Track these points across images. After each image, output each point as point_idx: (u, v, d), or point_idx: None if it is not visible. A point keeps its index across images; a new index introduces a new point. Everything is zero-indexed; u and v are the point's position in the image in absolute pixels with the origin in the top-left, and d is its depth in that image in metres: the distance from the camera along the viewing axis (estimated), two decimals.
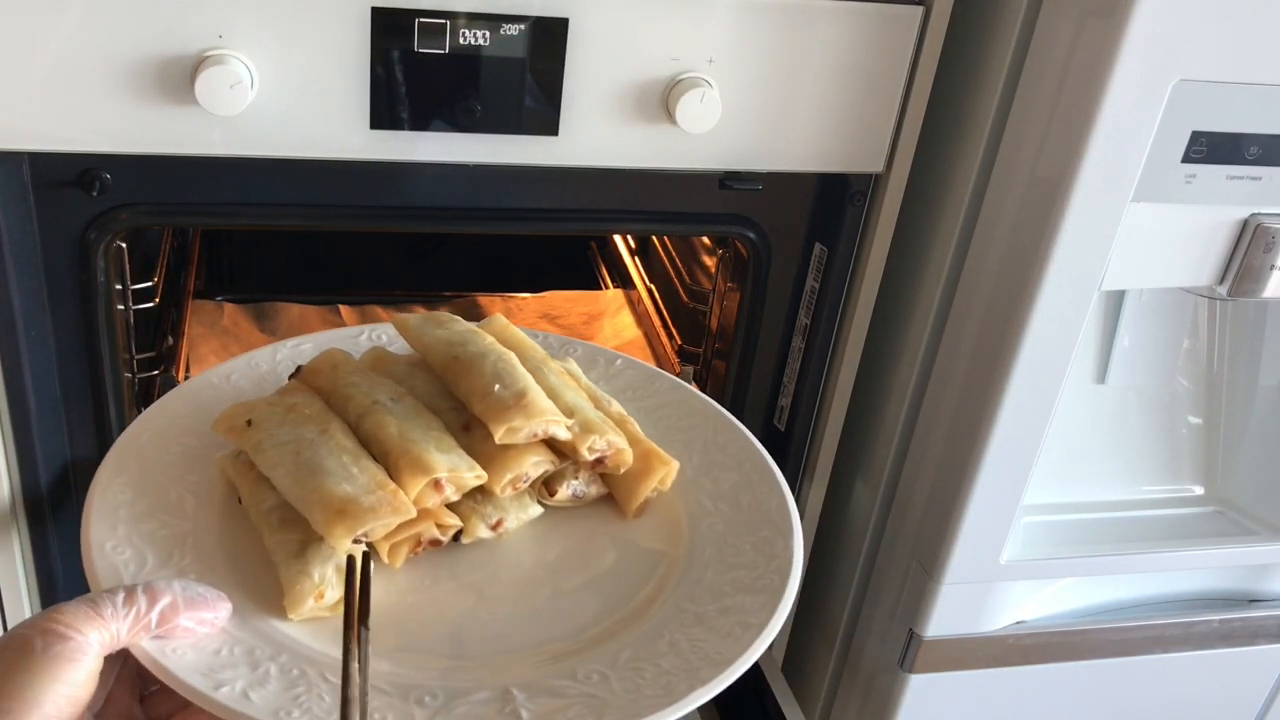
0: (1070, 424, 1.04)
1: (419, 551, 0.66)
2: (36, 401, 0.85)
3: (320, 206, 0.86)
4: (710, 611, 0.63)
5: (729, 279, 1.07)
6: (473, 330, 0.74)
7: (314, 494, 0.62)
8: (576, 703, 0.56)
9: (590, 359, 0.83)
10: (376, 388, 0.70)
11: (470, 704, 0.56)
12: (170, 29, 0.74)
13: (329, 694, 0.55)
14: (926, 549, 1.01)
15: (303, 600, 0.60)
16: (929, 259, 0.96)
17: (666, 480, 0.72)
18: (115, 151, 0.77)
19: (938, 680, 1.08)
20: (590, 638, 0.62)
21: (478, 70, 0.80)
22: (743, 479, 0.73)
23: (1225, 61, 0.78)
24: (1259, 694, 1.22)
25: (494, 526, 0.68)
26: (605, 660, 0.60)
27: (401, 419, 0.67)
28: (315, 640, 0.60)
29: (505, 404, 0.66)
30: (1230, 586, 1.15)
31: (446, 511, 0.66)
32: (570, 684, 0.58)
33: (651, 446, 0.72)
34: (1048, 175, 0.82)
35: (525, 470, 0.68)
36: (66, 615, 0.50)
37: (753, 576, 0.65)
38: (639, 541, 0.70)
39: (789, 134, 0.88)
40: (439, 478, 0.64)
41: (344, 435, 0.66)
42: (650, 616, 0.64)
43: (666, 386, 0.81)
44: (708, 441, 0.76)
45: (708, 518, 0.71)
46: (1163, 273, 0.88)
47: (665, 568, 0.68)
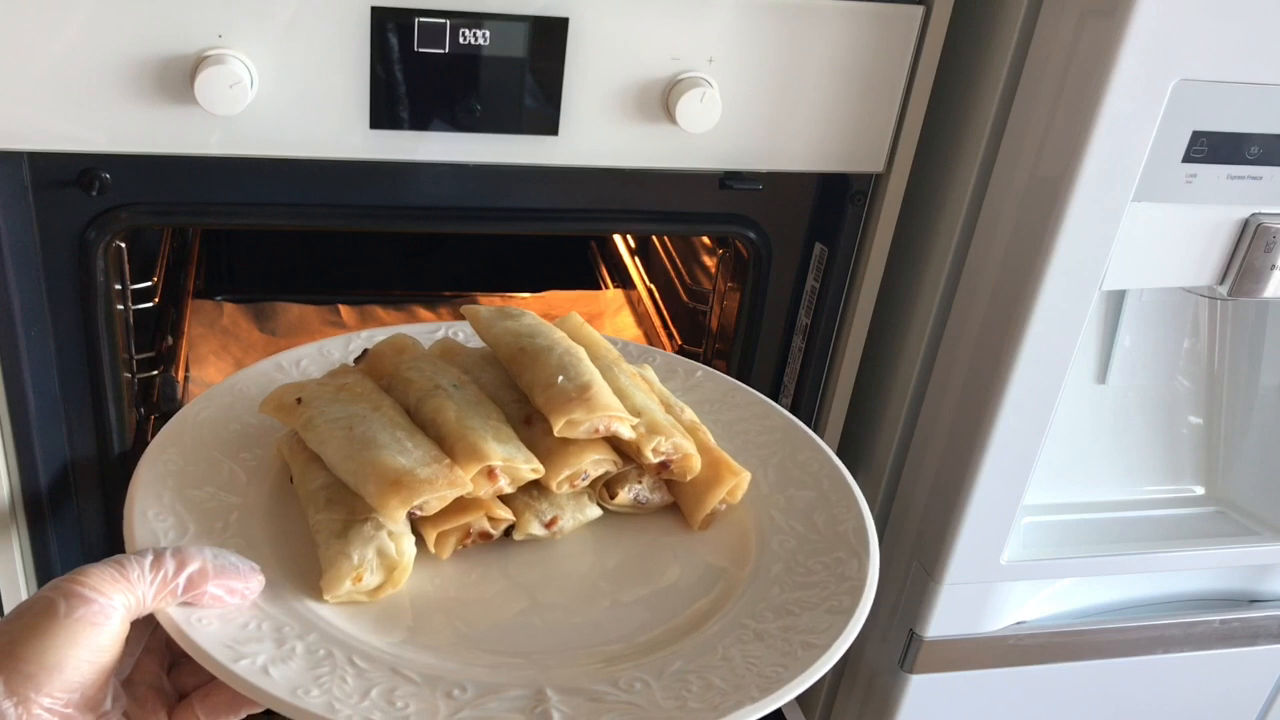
0: (1071, 424, 1.04)
1: (468, 544, 0.64)
2: (36, 401, 0.85)
3: (320, 206, 0.86)
4: (772, 629, 0.60)
5: (729, 279, 1.07)
6: (544, 324, 0.72)
7: (368, 466, 0.60)
8: (613, 710, 0.54)
9: (669, 368, 0.81)
10: (440, 373, 0.68)
11: (501, 700, 0.54)
12: (170, 28, 0.74)
13: (353, 677, 0.54)
14: (927, 549, 1.01)
15: (340, 581, 0.59)
16: (929, 259, 0.96)
17: (736, 492, 0.69)
18: (115, 151, 0.77)
19: (938, 680, 1.08)
20: (640, 645, 0.60)
21: (477, 70, 0.80)
22: (819, 497, 0.70)
23: (1226, 61, 0.77)
24: (1259, 694, 1.22)
25: (549, 524, 0.65)
26: (652, 669, 0.57)
27: (461, 405, 0.65)
28: (349, 624, 0.58)
29: (568, 396, 0.64)
30: (1231, 587, 1.15)
31: (499, 504, 0.64)
32: (611, 690, 0.56)
33: (722, 455, 0.69)
34: (1048, 175, 0.82)
35: (584, 468, 0.65)
36: (92, 578, 0.49)
37: (822, 596, 0.62)
38: (703, 555, 0.67)
39: (789, 134, 0.88)
40: (493, 466, 0.62)
41: (397, 413, 0.65)
42: (706, 629, 0.61)
43: (747, 400, 0.79)
44: (785, 458, 0.74)
45: (778, 534, 0.68)
46: (1163, 273, 0.88)
47: (727, 583, 0.65)
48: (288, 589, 0.59)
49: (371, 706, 0.52)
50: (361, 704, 0.52)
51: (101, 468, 0.91)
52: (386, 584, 0.61)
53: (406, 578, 0.61)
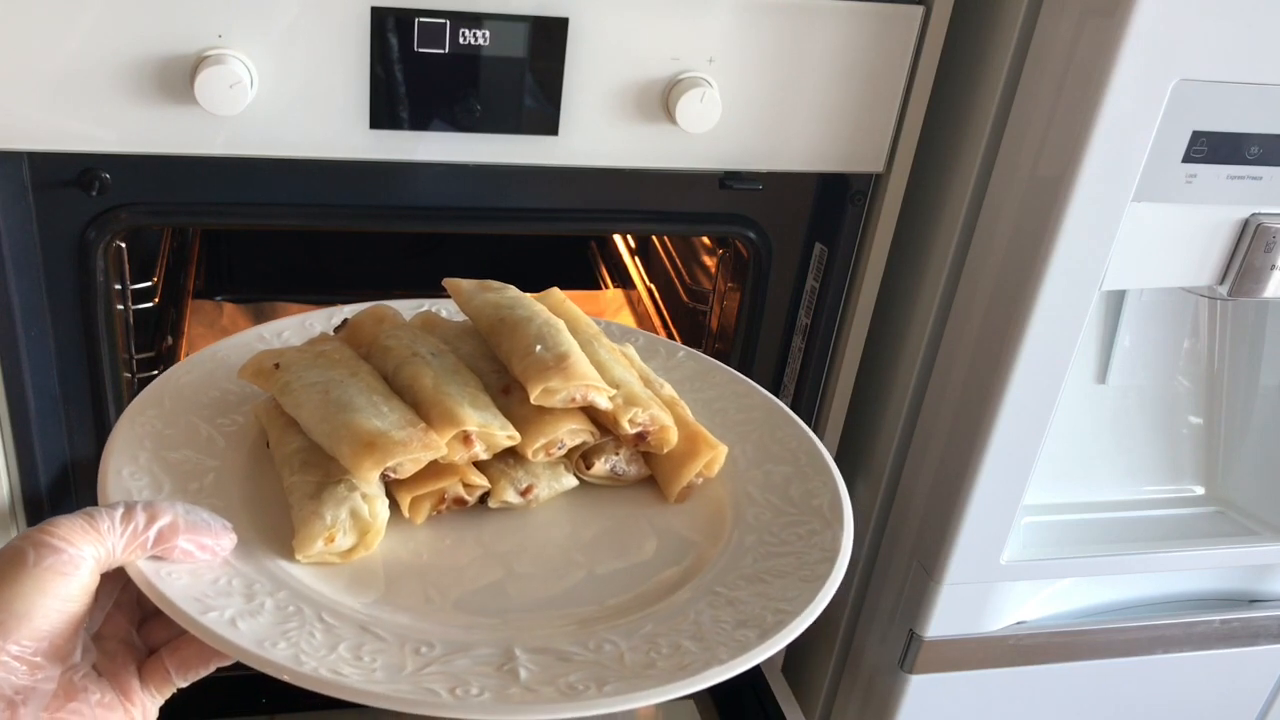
0: (1071, 424, 1.04)
1: (442, 510, 0.64)
2: (36, 401, 0.85)
3: (320, 206, 0.86)
4: (744, 596, 0.61)
5: (729, 279, 1.07)
6: (525, 297, 0.73)
7: (342, 429, 0.61)
8: (580, 669, 0.54)
9: (651, 348, 0.81)
10: (418, 342, 0.69)
11: (469, 658, 0.55)
12: (170, 28, 0.74)
13: (321, 633, 0.54)
14: (927, 549, 1.01)
15: (312, 541, 0.59)
16: (929, 259, 0.96)
17: (713, 465, 0.70)
18: (115, 151, 0.77)
19: (938, 681, 1.08)
20: (611, 609, 0.60)
21: (477, 70, 0.80)
22: (796, 472, 0.71)
23: (1226, 61, 0.77)
24: (1259, 694, 1.22)
25: (524, 492, 0.66)
26: (622, 632, 0.58)
27: (439, 372, 0.66)
28: (321, 583, 0.59)
29: (544, 364, 0.65)
30: (1231, 587, 1.15)
31: (475, 470, 0.64)
32: (580, 650, 0.56)
33: (699, 429, 0.70)
34: (1048, 175, 0.82)
35: (560, 436, 0.66)
36: (61, 528, 0.49)
37: (795, 565, 0.63)
38: (678, 528, 0.68)
39: (789, 134, 0.88)
40: (469, 431, 0.62)
41: (374, 379, 0.65)
42: (678, 595, 0.62)
43: (727, 379, 0.79)
44: (764, 434, 0.74)
45: (754, 507, 0.69)
46: (1163, 273, 0.88)
47: (701, 553, 0.66)
48: (260, 549, 0.59)
49: (338, 659, 0.52)
50: (328, 657, 0.53)
51: None
52: (359, 546, 0.61)
53: (379, 541, 0.61)
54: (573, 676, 0.54)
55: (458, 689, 0.52)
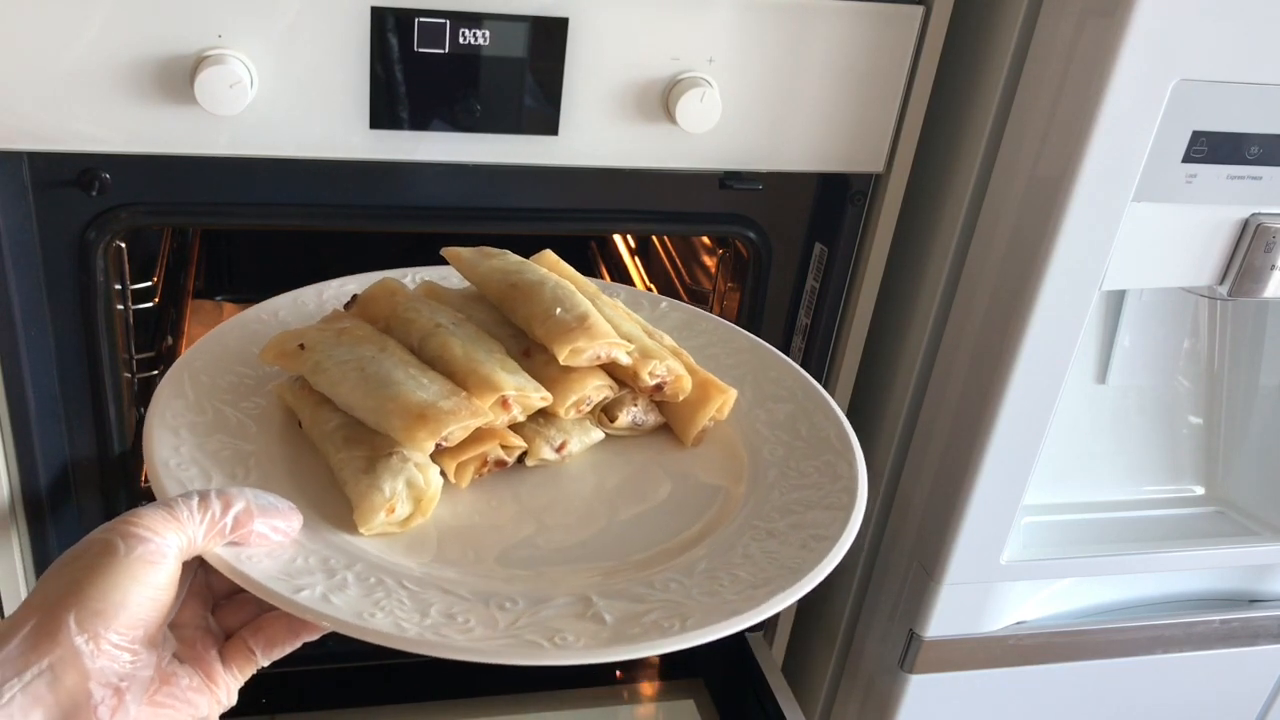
0: (1071, 424, 1.04)
1: (484, 473, 0.66)
2: (36, 401, 0.85)
3: (320, 206, 0.86)
4: (781, 527, 0.64)
5: (729, 279, 1.07)
6: (526, 261, 0.75)
7: (390, 403, 0.62)
8: (658, 607, 0.56)
9: (634, 302, 0.83)
10: (438, 313, 0.70)
11: (552, 608, 0.56)
12: (169, 28, 0.74)
13: (409, 599, 0.55)
14: (926, 549, 1.01)
15: (374, 514, 0.60)
16: (929, 259, 0.96)
17: (724, 409, 0.72)
18: (115, 151, 0.77)
19: (938, 680, 1.08)
20: (662, 552, 0.63)
21: (477, 70, 0.79)
22: (798, 409, 0.73)
23: (1226, 61, 0.77)
24: (1259, 694, 1.22)
25: (559, 449, 0.68)
26: (681, 570, 0.60)
27: (466, 341, 0.68)
28: (388, 553, 0.60)
29: (568, 326, 0.67)
30: (1231, 587, 1.15)
31: (511, 433, 0.66)
32: (649, 590, 0.58)
33: (708, 375, 0.72)
34: (1048, 175, 0.82)
35: (588, 393, 0.68)
36: (145, 519, 0.50)
37: (820, 495, 0.66)
38: (698, 471, 0.71)
39: (789, 134, 0.88)
40: (507, 396, 0.64)
41: (403, 352, 0.67)
42: (721, 531, 0.64)
43: (711, 326, 0.82)
44: (759, 376, 0.77)
45: (767, 445, 0.71)
46: (1163, 273, 0.88)
47: (729, 491, 0.68)
48: (322, 525, 0.60)
49: (435, 624, 0.54)
50: (425, 621, 0.54)
51: (101, 467, 0.91)
52: (416, 514, 0.62)
53: (433, 507, 0.63)
54: (653, 615, 0.56)
55: (555, 637, 0.54)
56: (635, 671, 1.15)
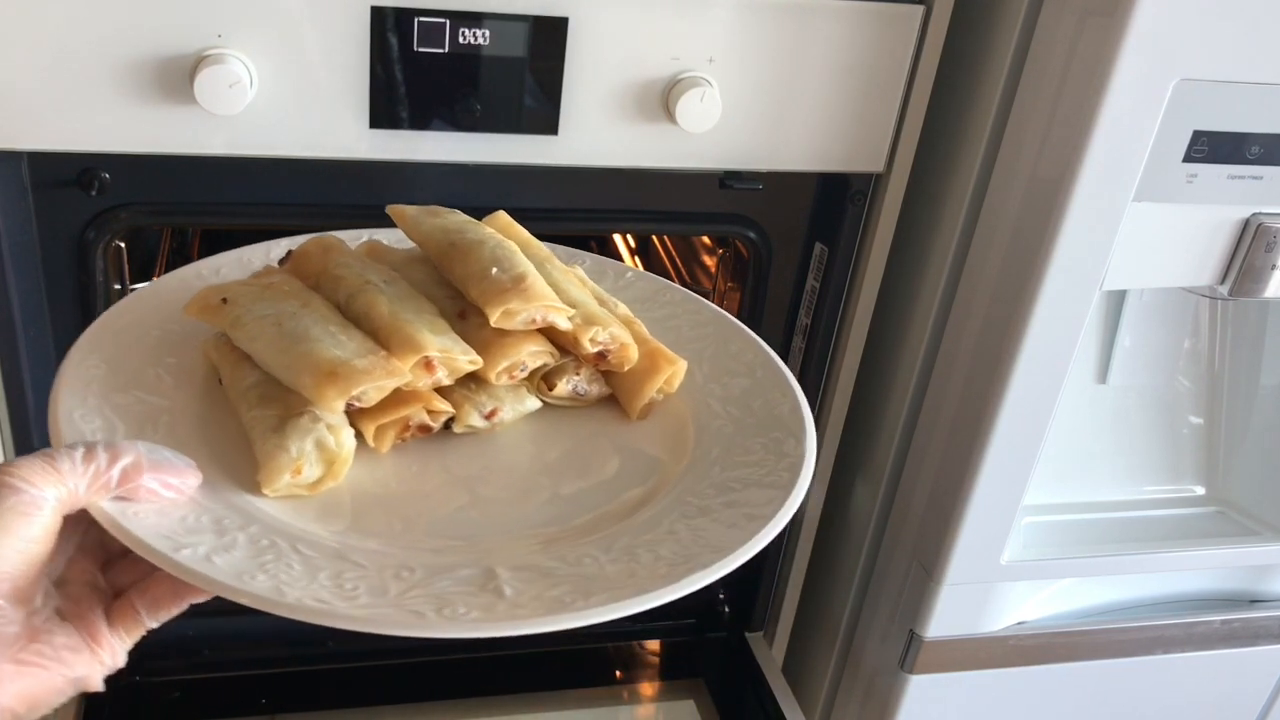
0: (1071, 424, 1.04)
1: (406, 437, 0.64)
2: (36, 401, 0.85)
3: (320, 206, 0.86)
4: (715, 504, 0.61)
5: (729, 279, 1.07)
6: (473, 221, 0.72)
7: (302, 360, 0.59)
8: (565, 582, 0.54)
9: (600, 270, 0.80)
10: (369, 270, 0.67)
11: (451, 579, 0.54)
12: (169, 28, 0.74)
13: (299, 563, 0.53)
14: (927, 549, 1.00)
15: (278, 474, 0.58)
16: (929, 259, 0.96)
17: (673, 380, 0.69)
18: (114, 151, 0.77)
19: (938, 681, 1.07)
20: (584, 524, 0.60)
21: (477, 69, 0.79)
22: (754, 385, 0.70)
23: (1226, 61, 0.77)
24: (1260, 695, 1.22)
25: (488, 416, 0.65)
26: (600, 545, 0.57)
27: (394, 300, 0.64)
28: (290, 516, 0.58)
29: (503, 286, 0.64)
30: (1231, 587, 1.14)
31: (438, 396, 0.63)
32: (560, 565, 0.55)
33: (658, 345, 0.69)
34: (1048, 175, 0.82)
35: (522, 358, 0.65)
36: (22, 469, 0.48)
37: (761, 473, 0.63)
38: (643, 444, 0.67)
39: (789, 133, 0.88)
40: (431, 357, 0.61)
41: (328, 309, 0.64)
42: (651, 508, 0.61)
43: (678, 298, 0.79)
44: (719, 350, 0.74)
45: (716, 420, 0.68)
46: (1164, 273, 0.88)
47: (668, 467, 0.65)
48: (225, 485, 0.58)
49: (320, 588, 0.52)
50: (310, 586, 0.52)
51: None
52: (326, 477, 0.60)
53: (347, 470, 0.61)
54: (557, 590, 0.53)
55: (445, 609, 0.51)
56: (635, 671, 1.15)
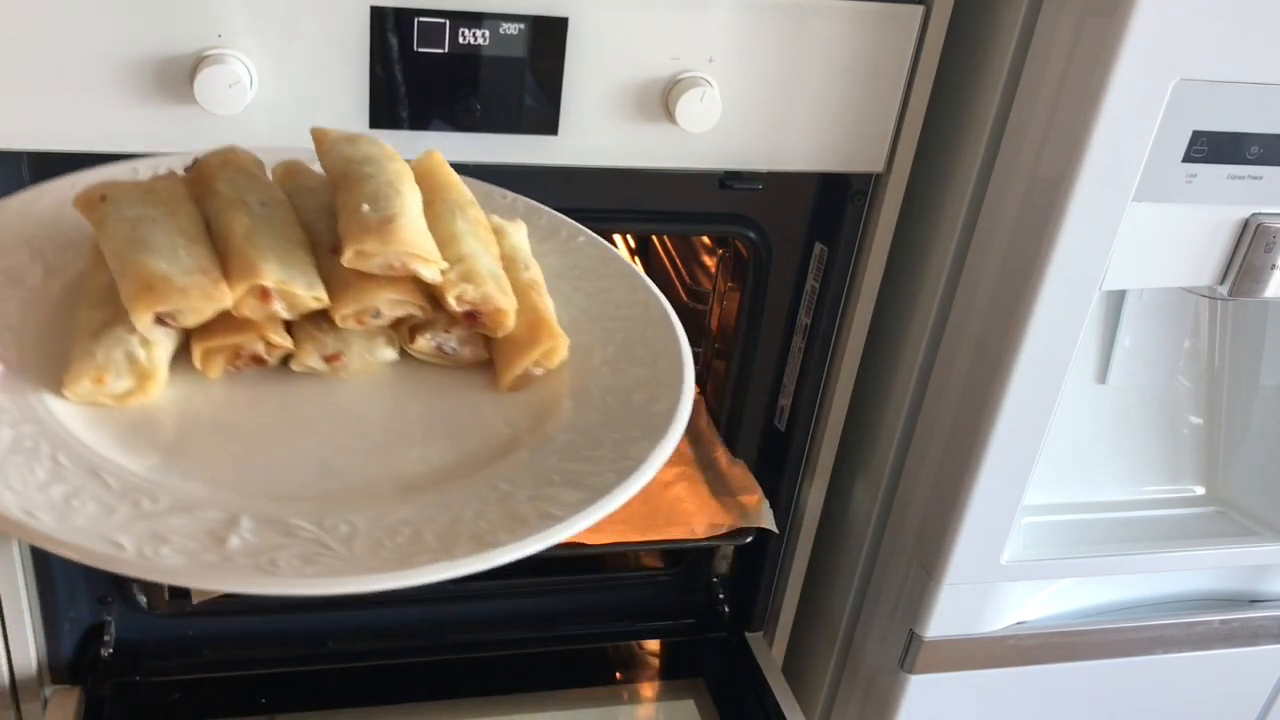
0: (1071, 424, 1.04)
1: (238, 366, 0.62)
2: None
3: None
4: (520, 496, 0.56)
5: (729, 279, 1.07)
6: (386, 158, 0.67)
7: (130, 266, 0.58)
8: (296, 546, 0.51)
9: (552, 229, 0.77)
10: (251, 190, 0.64)
11: (188, 518, 0.52)
12: (169, 28, 0.74)
13: (44, 471, 0.52)
14: (926, 549, 1.00)
15: (79, 378, 0.57)
16: (929, 259, 0.96)
17: (552, 356, 0.65)
18: (114, 151, 0.77)
19: (938, 681, 1.07)
20: (374, 491, 0.57)
21: (477, 69, 0.79)
22: (649, 376, 0.66)
23: (1226, 61, 0.77)
24: (1260, 695, 1.22)
25: (330, 359, 0.63)
26: (369, 515, 0.54)
27: (258, 223, 0.62)
28: (83, 427, 0.56)
29: (365, 225, 0.60)
30: (1231, 587, 1.14)
31: (279, 330, 0.61)
32: (310, 528, 0.53)
33: (545, 317, 0.65)
34: (1048, 175, 0.82)
35: (375, 304, 0.62)
36: None
37: (590, 471, 0.58)
38: (501, 417, 0.63)
39: (789, 134, 0.88)
40: (265, 285, 0.59)
41: (191, 223, 0.62)
42: (451, 486, 0.57)
43: (620, 271, 0.74)
44: (633, 334, 0.69)
45: (587, 407, 0.64)
46: (1163, 273, 0.88)
47: (512, 446, 0.61)
48: (36, 381, 0.57)
49: (43, 501, 0.50)
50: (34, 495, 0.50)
51: None
52: (136, 392, 0.59)
53: (158, 389, 0.59)
54: (285, 554, 0.51)
55: (147, 548, 0.49)
56: (635, 671, 1.15)
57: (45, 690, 0.97)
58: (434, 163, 0.72)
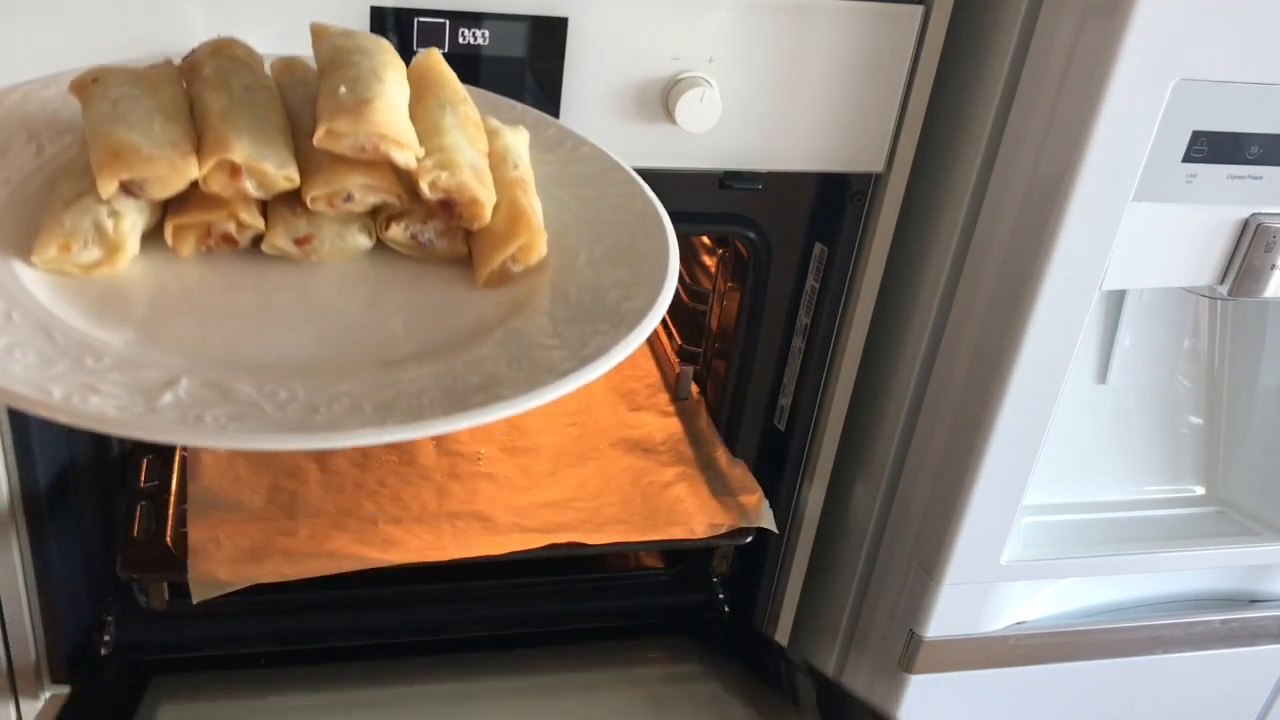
0: (1071, 424, 1.04)
1: (209, 244, 0.62)
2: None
3: None
4: (470, 380, 0.56)
5: (729, 279, 1.07)
6: (380, 52, 0.66)
7: (102, 139, 0.58)
8: (230, 406, 0.51)
9: (558, 139, 0.76)
10: (237, 75, 0.64)
11: (127, 374, 0.52)
12: (169, 29, 0.74)
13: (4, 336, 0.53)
14: (926, 549, 1.00)
15: (46, 245, 0.58)
16: (929, 259, 0.96)
17: (529, 251, 0.64)
18: None
19: (938, 681, 1.08)
20: (323, 365, 0.57)
21: (477, 70, 0.79)
22: (630, 276, 0.65)
23: (1226, 61, 0.77)
24: (1259, 694, 1.22)
25: (300, 241, 0.62)
26: (312, 386, 0.54)
27: (237, 104, 0.62)
28: (52, 298, 0.57)
29: (340, 106, 0.60)
30: (1231, 587, 1.14)
31: (251, 210, 0.61)
32: (249, 392, 0.52)
33: (525, 211, 0.64)
34: (1048, 175, 0.82)
35: (347, 187, 0.61)
36: None
37: (543, 359, 0.58)
38: (474, 312, 0.63)
39: (789, 134, 0.88)
40: (235, 161, 0.59)
41: (172, 103, 0.62)
42: (400, 369, 0.57)
43: (620, 179, 0.73)
44: (622, 241, 0.68)
45: (560, 303, 0.63)
46: (1163, 272, 0.88)
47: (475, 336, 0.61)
48: (5, 249, 0.58)
49: None
50: None
51: (101, 468, 0.91)
52: (104, 263, 0.59)
53: (124, 262, 0.60)
54: (213, 412, 0.51)
55: (75, 396, 0.50)
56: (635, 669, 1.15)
57: (45, 690, 0.97)
58: (431, 60, 0.70)
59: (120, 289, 0.60)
